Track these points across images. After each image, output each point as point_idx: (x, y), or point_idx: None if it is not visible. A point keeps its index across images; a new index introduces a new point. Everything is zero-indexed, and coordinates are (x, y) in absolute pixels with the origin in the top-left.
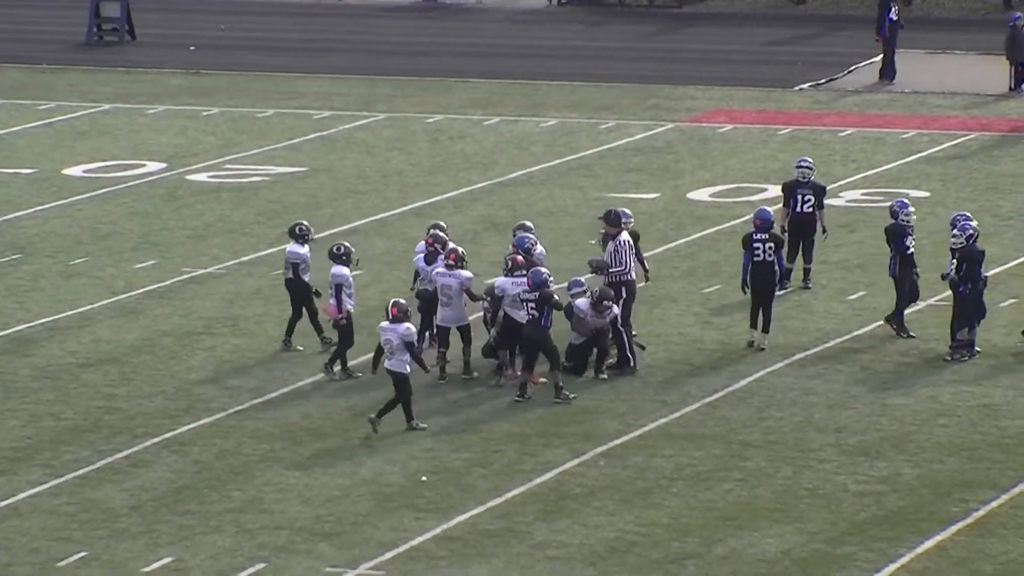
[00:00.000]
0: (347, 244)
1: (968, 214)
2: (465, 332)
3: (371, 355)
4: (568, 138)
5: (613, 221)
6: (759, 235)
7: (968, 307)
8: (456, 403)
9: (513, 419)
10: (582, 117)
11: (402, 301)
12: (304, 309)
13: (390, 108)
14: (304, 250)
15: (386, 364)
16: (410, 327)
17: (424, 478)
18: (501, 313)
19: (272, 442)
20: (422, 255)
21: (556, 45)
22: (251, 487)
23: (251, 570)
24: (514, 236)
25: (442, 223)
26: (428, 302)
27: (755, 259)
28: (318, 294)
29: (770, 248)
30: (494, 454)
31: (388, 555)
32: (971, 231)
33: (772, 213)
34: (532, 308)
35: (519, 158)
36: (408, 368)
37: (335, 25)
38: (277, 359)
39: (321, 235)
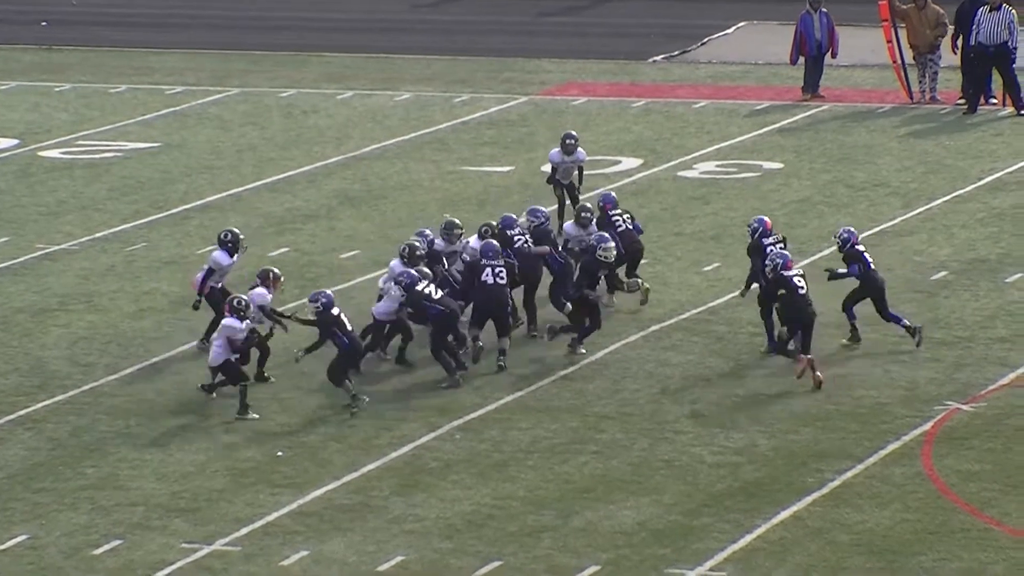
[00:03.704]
0: (235, 231)
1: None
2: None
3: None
4: (422, 112)
5: None
6: (614, 211)
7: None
8: (312, 377)
9: (368, 393)
10: (436, 91)
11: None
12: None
13: (243, 83)
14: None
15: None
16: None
17: (280, 453)
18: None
19: (127, 418)
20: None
21: (410, 18)
22: (106, 464)
23: (106, 547)
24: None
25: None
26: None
27: (619, 230)
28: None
29: (628, 218)
30: (349, 428)
31: (244, 531)
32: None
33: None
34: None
35: (373, 132)
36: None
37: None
38: (131, 335)
39: (175, 210)
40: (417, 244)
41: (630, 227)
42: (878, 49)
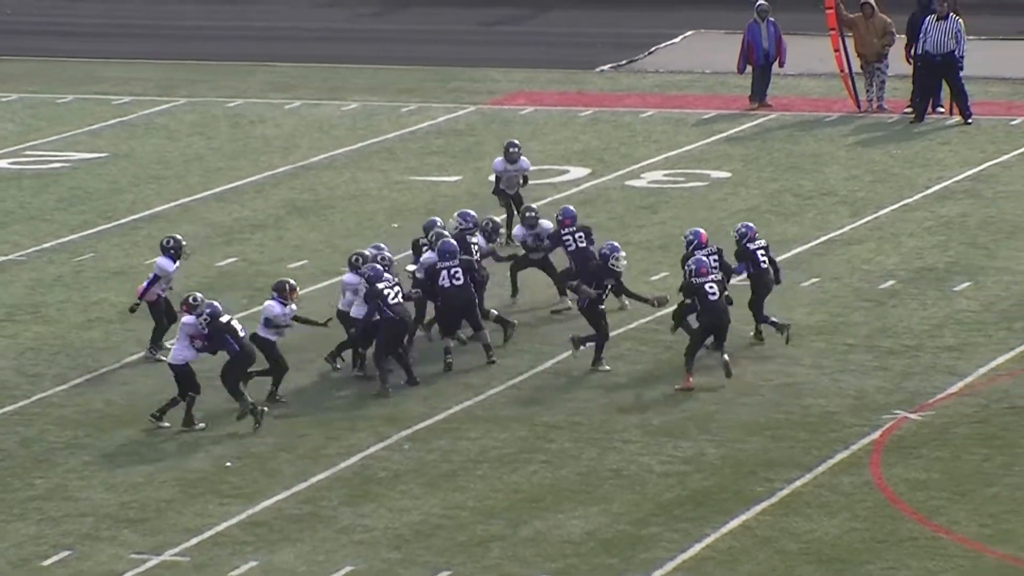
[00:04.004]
0: (177, 237)
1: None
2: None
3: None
4: (370, 121)
5: None
6: (569, 228)
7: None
8: (260, 386)
9: (317, 403)
10: (384, 100)
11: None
12: None
13: (190, 93)
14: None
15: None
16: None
17: (229, 463)
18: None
19: (75, 429)
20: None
21: (357, 28)
22: (54, 475)
23: (55, 558)
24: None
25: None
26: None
27: (569, 250)
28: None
29: (580, 237)
30: (299, 439)
31: (193, 541)
32: (738, 233)
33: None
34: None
35: (321, 142)
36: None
37: (134, 9)
38: (79, 345)
39: (123, 220)
40: (368, 253)
41: (582, 245)
42: (826, 58)
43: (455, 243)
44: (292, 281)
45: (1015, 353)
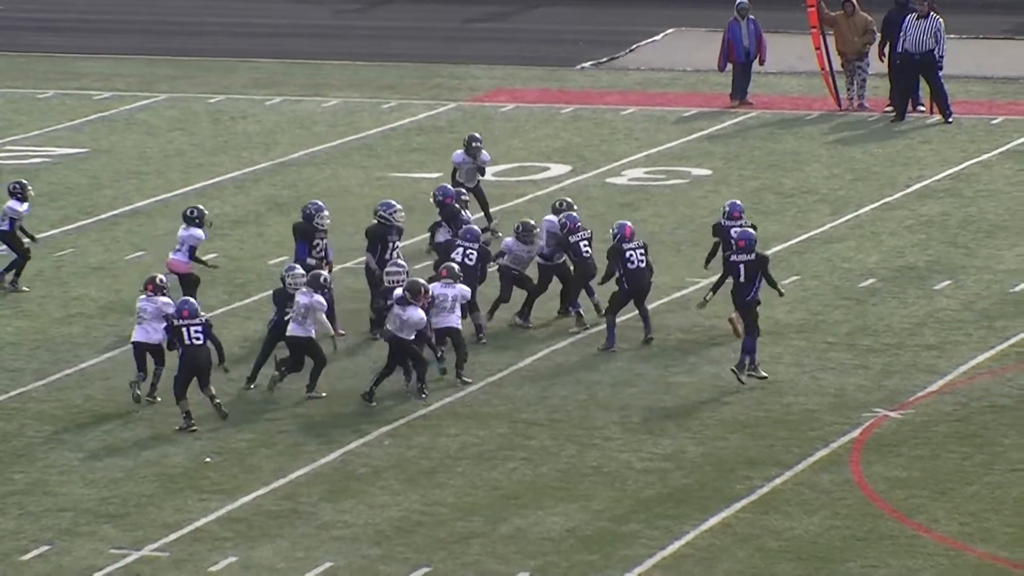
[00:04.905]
0: (200, 207)
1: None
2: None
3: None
4: (351, 118)
5: None
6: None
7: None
8: (239, 383)
9: (297, 399)
10: (364, 97)
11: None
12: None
13: (171, 88)
14: None
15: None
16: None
17: (208, 459)
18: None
19: (55, 424)
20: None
21: (338, 24)
22: (34, 469)
23: (35, 552)
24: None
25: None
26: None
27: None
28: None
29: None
30: (278, 434)
31: (172, 536)
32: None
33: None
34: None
35: (302, 138)
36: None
37: (116, 5)
38: (60, 341)
39: (103, 216)
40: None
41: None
42: (806, 56)
43: (478, 230)
44: (424, 283)
45: (995, 352)
